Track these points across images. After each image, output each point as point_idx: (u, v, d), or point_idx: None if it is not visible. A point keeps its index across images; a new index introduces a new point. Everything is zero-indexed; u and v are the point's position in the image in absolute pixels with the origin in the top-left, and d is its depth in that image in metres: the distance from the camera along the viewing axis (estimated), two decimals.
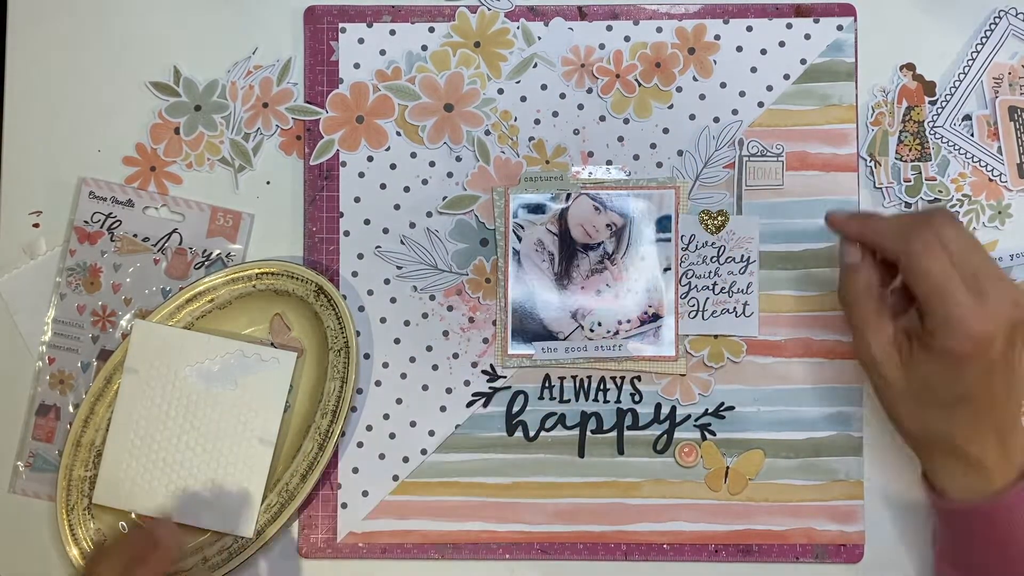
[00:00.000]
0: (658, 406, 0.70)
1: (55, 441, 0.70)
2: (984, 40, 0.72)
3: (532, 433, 0.70)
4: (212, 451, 0.68)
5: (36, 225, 0.72)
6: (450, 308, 0.71)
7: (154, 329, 0.68)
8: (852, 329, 0.62)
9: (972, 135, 0.71)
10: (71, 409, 0.70)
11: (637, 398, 0.71)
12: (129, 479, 0.68)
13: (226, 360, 0.69)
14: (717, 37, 0.72)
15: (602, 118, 0.72)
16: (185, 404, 0.68)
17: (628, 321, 0.70)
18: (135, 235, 0.71)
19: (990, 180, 0.71)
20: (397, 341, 0.71)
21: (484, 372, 0.71)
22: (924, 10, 0.73)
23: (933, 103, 0.72)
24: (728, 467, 0.70)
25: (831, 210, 0.64)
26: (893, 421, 0.62)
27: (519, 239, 0.70)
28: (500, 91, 0.72)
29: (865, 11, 0.72)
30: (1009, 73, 0.71)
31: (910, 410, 0.60)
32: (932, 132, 0.71)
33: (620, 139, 0.71)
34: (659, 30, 0.72)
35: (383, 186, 0.72)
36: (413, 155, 0.72)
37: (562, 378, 0.71)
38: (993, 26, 0.72)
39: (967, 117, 0.72)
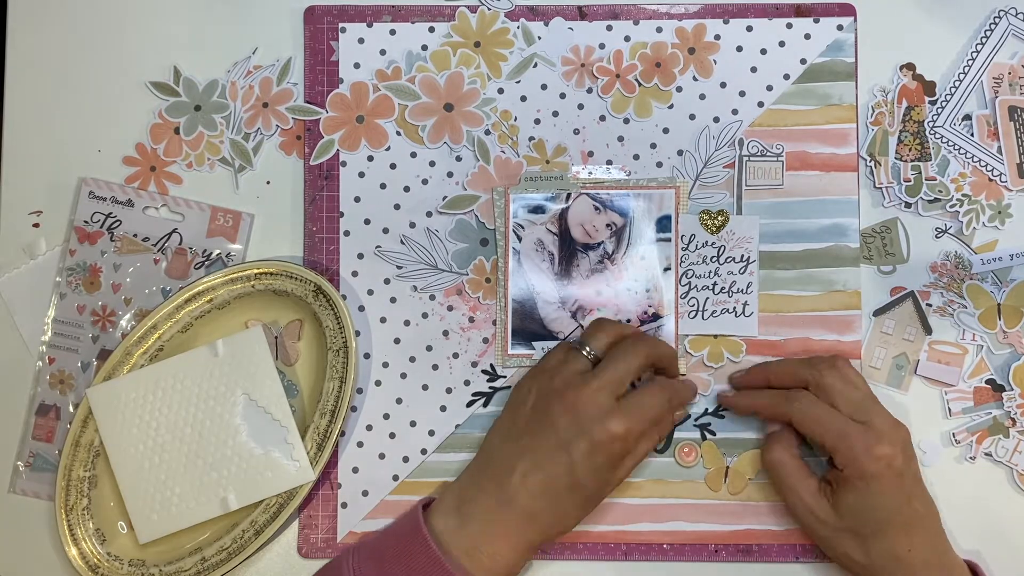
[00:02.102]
0: None
1: (55, 441, 0.70)
2: (984, 40, 0.72)
3: None
4: (228, 428, 0.68)
5: (36, 225, 0.72)
6: (450, 308, 0.71)
7: (107, 388, 0.68)
8: (782, 489, 0.66)
9: (972, 135, 0.71)
10: (71, 409, 0.70)
11: None
12: (163, 507, 0.68)
13: (197, 356, 0.69)
14: (717, 37, 0.72)
15: (602, 118, 0.72)
16: (174, 413, 0.68)
17: (628, 321, 0.70)
18: (135, 235, 0.71)
19: (990, 180, 0.71)
20: (397, 341, 0.71)
21: (484, 372, 0.71)
22: (924, 10, 0.73)
23: (933, 103, 0.72)
24: (728, 467, 0.70)
25: (723, 394, 0.70)
26: (843, 562, 0.65)
27: (519, 239, 0.70)
28: (500, 91, 0.72)
29: (865, 11, 0.72)
30: (1009, 73, 0.71)
31: (853, 544, 0.63)
32: (932, 132, 0.71)
33: (620, 139, 0.71)
34: (659, 30, 0.72)
35: (383, 186, 0.72)
36: (413, 155, 0.72)
37: None
38: (993, 26, 0.72)
39: (967, 117, 0.72)
